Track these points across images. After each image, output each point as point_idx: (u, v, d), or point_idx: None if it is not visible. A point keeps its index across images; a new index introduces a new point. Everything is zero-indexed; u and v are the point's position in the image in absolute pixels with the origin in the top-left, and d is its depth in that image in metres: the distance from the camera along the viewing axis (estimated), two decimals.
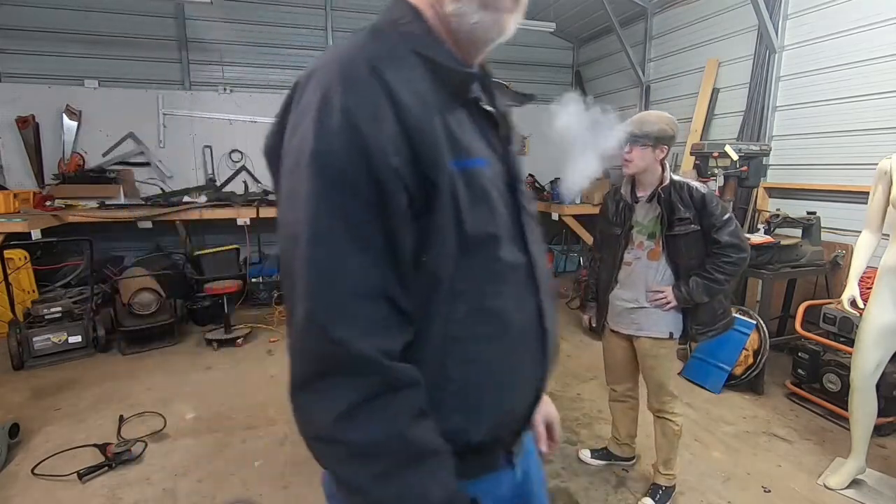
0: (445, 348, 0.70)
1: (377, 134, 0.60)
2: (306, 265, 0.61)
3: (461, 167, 0.67)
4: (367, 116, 0.60)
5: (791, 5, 4.16)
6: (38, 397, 3.30)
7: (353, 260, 0.60)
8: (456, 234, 0.66)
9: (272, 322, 4.85)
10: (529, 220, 0.80)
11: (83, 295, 4.28)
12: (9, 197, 4.49)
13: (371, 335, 0.61)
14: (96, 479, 2.45)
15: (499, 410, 0.77)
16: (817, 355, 3.11)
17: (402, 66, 0.66)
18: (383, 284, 0.62)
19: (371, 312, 0.61)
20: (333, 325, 0.60)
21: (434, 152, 0.64)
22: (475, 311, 0.71)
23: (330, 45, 6.22)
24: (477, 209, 0.68)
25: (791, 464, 2.59)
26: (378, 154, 0.60)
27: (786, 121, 4.28)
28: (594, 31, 6.72)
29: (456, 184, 0.66)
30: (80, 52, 5.46)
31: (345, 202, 0.60)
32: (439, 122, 0.66)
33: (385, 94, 0.62)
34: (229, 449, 2.72)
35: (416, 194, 0.63)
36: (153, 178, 5.77)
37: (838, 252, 3.76)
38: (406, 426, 0.62)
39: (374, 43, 0.68)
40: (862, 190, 3.41)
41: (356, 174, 0.59)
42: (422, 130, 0.63)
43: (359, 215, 0.60)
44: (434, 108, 0.66)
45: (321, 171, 0.59)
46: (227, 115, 5.94)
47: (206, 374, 3.72)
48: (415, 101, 0.63)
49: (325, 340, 0.60)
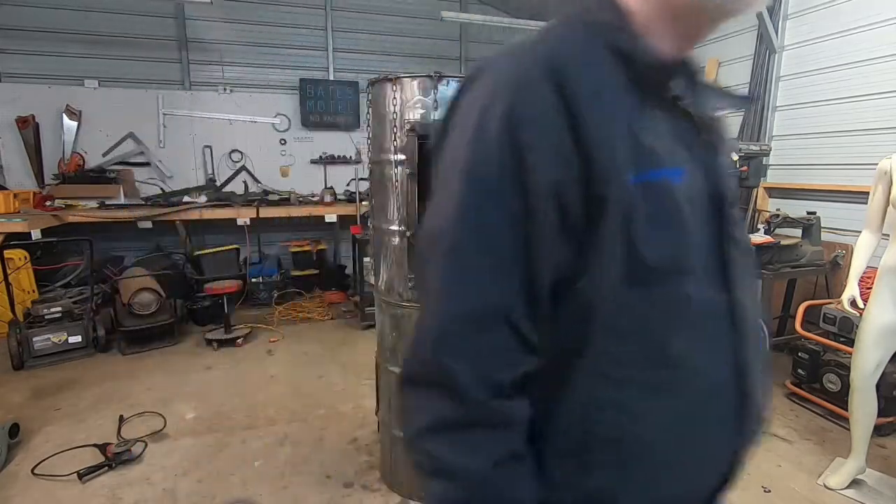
0: (594, 390, 0.59)
1: (538, 144, 0.54)
2: (435, 272, 0.58)
3: (643, 180, 0.56)
4: (531, 124, 0.54)
5: (791, 5, 4.16)
6: (38, 397, 3.30)
7: (480, 279, 0.56)
8: (625, 259, 0.55)
9: (272, 322, 4.85)
10: (736, 252, 0.64)
11: (83, 295, 4.28)
12: (9, 197, 4.49)
13: (478, 364, 0.55)
14: (96, 479, 2.45)
15: (658, 487, 0.61)
16: (817, 355, 3.11)
17: (585, 66, 0.56)
18: (507, 309, 0.55)
19: (486, 339, 0.56)
20: (441, 347, 0.56)
21: (609, 165, 0.54)
22: (644, 356, 0.59)
23: (329, 44, 6.24)
24: (659, 231, 0.56)
25: (791, 464, 2.59)
26: (535, 167, 0.54)
27: (786, 121, 4.28)
28: None
29: (633, 200, 0.55)
30: (80, 52, 5.46)
31: (486, 216, 0.55)
32: (624, 129, 0.56)
33: (557, 100, 0.54)
34: (229, 449, 2.72)
35: (578, 211, 0.55)
36: (153, 178, 5.77)
37: (838, 252, 3.76)
38: (490, 466, 0.56)
39: (557, 38, 0.60)
40: (862, 190, 3.41)
41: (504, 187, 0.54)
42: (598, 140, 0.54)
43: (498, 231, 0.55)
44: (620, 112, 0.56)
45: (470, 178, 0.56)
46: (227, 115, 5.94)
47: (206, 374, 3.72)
48: (595, 107, 0.55)
49: (430, 356, 0.57)
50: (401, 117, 1.97)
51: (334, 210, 5.60)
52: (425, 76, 1.94)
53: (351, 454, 2.67)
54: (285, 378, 3.64)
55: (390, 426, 2.30)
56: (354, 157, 6.36)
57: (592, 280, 0.56)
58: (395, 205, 2.06)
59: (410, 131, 1.95)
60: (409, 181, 2.00)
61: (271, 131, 6.14)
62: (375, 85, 2.06)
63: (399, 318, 2.17)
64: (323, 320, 5.03)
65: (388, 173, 2.07)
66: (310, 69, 6.20)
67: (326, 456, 2.65)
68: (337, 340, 4.45)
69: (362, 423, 2.97)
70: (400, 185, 2.03)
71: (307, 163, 6.29)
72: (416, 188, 2.01)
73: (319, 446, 2.74)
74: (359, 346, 4.29)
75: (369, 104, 2.15)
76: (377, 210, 2.19)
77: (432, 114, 1.95)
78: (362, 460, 2.60)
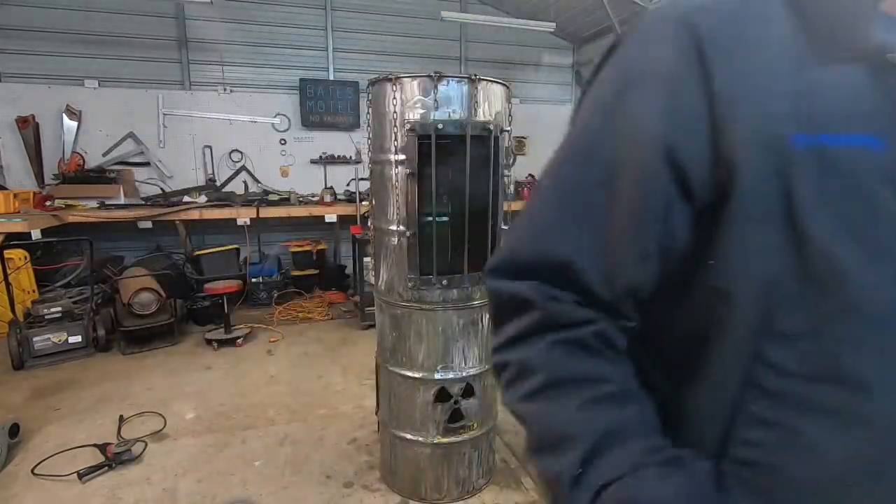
0: (741, 400, 0.49)
1: (659, 107, 0.49)
2: (537, 199, 0.59)
3: (811, 144, 0.45)
4: (651, 86, 0.50)
5: None
6: (38, 397, 3.30)
7: (554, 234, 0.56)
8: (779, 241, 0.46)
9: (272, 322, 4.85)
10: None
11: (83, 295, 4.28)
12: (9, 197, 4.49)
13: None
14: (96, 479, 2.45)
15: None
16: None
17: (734, 16, 0.49)
18: (577, 253, 0.53)
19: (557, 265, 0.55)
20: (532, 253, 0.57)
21: (751, 125, 0.46)
22: (814, 370, 0.46)
23: (329, 44, 6.24)
24: (833, 210, 0.45)
25: None
26: (651, 133, 0.49)
27: None
28: (594, 31, 6.72)
29: (793, 167, 0.45)
30: (80, 52, 5.46)
31: (586, 181, 0.54)
32: (784, 83, 0.47)
33: (690, 55, 0.48)
34: (229, 449, 2.72)
35: (702, 179, 0.48)
36: (153, 178, 5.77)
37: None
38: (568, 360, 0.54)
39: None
40: None
41: (612, 155, 0.52)
42: (743, 98, 0.47)
43: (593, 197, 0.53)
44: (787, 65, 0.47)
45: (578, 144, 0.56)
46: (227, 115, 5.94)
47: (206, 374, 3.72)
48: (739, 58, 0.47)
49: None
50: (401, 117, 1.97)
51: (334, 210, 5.60)
52: (425, 76, 1.93)
53: (351, 454, 2.67)
54: (285, 378, 3.64)
55: (390, 426, 2.31)
56: (354, 157, 6.36)
57: (727, 262, 0.48)
58: (395, 205, 2.06)
59: (410, 131, 1.95)
60: (409, 181, 2.00)
61: (271, 131, 6.15)
62: (375, 85, 2.06)
63: (399, 318, 2.18)
64: (323, 320, 5.03)
65: (388, 173, 2.07)
66: (310, 69, 6.20)
67: (326, 456, 2.65)
68: (337, 340, 4.45)
69: (362, 423, 2.98)
70: (400, 185, 2.03)
71: (307, 163, 6.29)
72: (416, 188, 2.01)
73: (319, 446, 2.74)
74: (359, 346, 4.29)
75: (369, 104, 2.15)
76: (377, 210, 2.19)
77: (432, 114, 1.95)
78: (362, 460, 2.61)
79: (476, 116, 1.98)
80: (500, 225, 2.17)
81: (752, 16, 0.49)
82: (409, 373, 2.19)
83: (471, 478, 2.33)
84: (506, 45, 6.82)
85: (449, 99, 1.95)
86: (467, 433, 2.25)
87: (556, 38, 7.05)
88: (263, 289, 5.44)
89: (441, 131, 1.94)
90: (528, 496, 2.34)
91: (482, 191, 2.08)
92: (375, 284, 2.29)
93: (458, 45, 6.77)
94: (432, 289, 2.09)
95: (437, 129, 1.94)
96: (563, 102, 7.44)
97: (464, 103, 1.97)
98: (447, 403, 2.20)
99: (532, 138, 7.15)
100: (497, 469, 2.52)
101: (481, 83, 1.98)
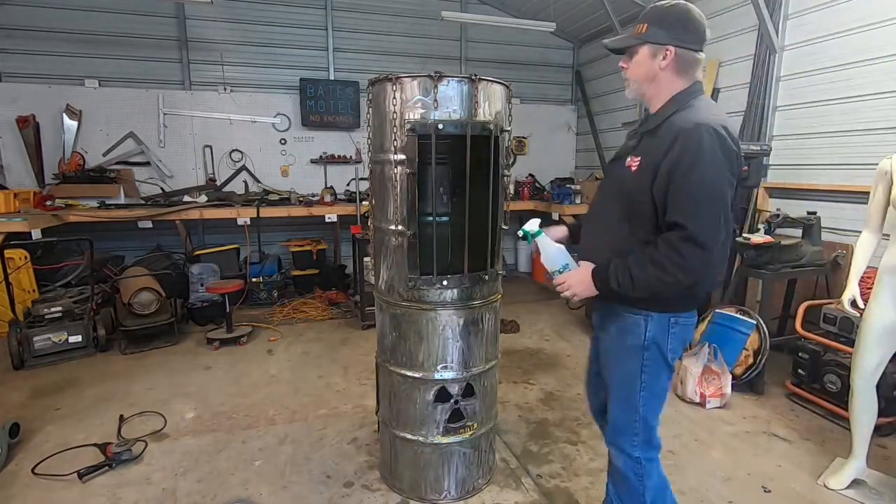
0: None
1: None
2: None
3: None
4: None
5: (791, 5, 4.15)
6: (38, 397, 3.30)
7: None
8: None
9: (272, 322, 4.85)
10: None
11: (83, 294, 4.28)
12: (9, 197, 4.50)
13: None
14: (96, 478, 2.45)
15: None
16: (817, 355, 3.11)
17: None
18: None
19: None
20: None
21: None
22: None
23: (329, 44, 6.25)
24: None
25: (791, 464, 2.59)
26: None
27: (786, 121, 4.28)
28: (594, 31, 6.72)
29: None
30: (80, 52, 5.46)
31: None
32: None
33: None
34: (229, 449, 2.72)
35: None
36: (153, 177, 5.78)
37: (839, 252, 3.76)
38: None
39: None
40: (862, 190, 3.40)
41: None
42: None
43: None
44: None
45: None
46: (227, 114, 5.95)
47: (206, 373, 3.72)
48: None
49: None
50: (401, 117, 1.97)
51: (334, 210, 5.60)
52: (425, 76, 1.93)
53: (351, 454, 2.67)
54: (285, 378, 3.64)
55: (390, 426, 2.31)
56: (354, 157, 6.36)
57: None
58: (395, 205, 2.06)
59: (410, 131, 1.95)
60: (409, 181, 2.00)
61: (271, 131, 6.15)
62: (375, 85, 2.06)
63: (399, 317, 2.17)
64: (323, 320, 5.03)
65: (388, 173, 2.07)
66: (310, 69, 6.21)
67: (326, 456, 2.65)
68: (337, 340, 4.45)
69: (362, 422, 2.98)
70: (400, 185, 2.03)
71: (307, 162, 6.29)
72: (416, 188, 2.00)
73: (319, 446, 2.74)
74: (359, 346, 4.29)
75: (369, 104, 2.14)
76: (377, 210, 2.18)
77: (432, 114, 1.95)
78: (362, 460, 2.61)
79: (476, 116, 1.98)
80: (500, 225, 2.17)
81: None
82: (410, 372, 2.19)
83: (471, 478, 2.33)
84: (506, 45, 6.82)
85: (449, 99, 1.95)
86: (467, 433, 2.25)
87: (557, 38, 7.06)
88: (263, 288, 5.45)
89: (441, 131, 1.94)
90: (529, 496, 2.34)
91: (482, 191, 2.08)
92: (375, 284, 2.29)
93: (459, 45, 6.77)
94: (432, 288, 2.09)
95: (438, 129, 1.94)
96: (563, 102, 7.44)
97: (464, 103, 1.97)
98: (447, 403, 2.20)
99: (532, 138, 7.16)
100: (497, 469, 2.52)
101: (481, 83, 1.97)
